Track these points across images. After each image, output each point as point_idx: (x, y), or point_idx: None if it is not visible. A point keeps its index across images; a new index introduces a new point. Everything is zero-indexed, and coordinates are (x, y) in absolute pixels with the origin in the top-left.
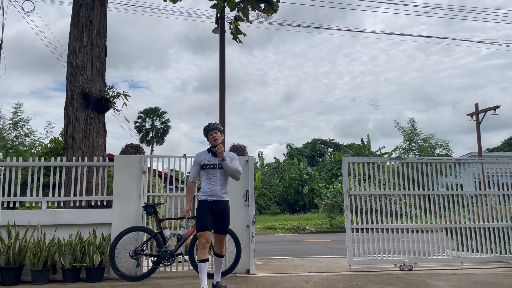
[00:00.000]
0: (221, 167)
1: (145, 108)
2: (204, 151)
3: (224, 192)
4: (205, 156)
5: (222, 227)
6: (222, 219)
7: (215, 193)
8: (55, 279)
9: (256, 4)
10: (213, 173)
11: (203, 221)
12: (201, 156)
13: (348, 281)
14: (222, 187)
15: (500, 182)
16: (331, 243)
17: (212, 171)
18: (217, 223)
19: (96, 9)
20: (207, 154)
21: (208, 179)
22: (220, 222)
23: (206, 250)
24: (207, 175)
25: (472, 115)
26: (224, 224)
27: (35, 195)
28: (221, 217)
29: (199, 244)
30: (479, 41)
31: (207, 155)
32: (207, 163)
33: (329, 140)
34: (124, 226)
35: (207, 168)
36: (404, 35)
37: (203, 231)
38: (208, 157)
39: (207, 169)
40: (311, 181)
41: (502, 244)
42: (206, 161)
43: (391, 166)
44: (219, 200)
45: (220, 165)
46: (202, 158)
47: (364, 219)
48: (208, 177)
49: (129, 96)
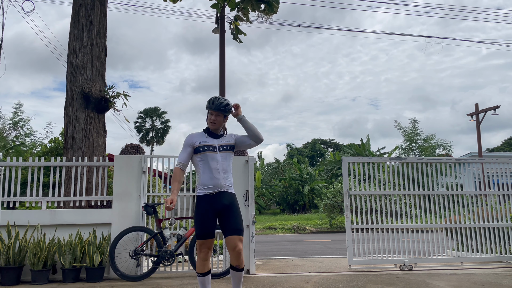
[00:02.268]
0: (222, 149)
1: (145, 108)
2: (199, 132)
3: (228, 181)
4: (201, 137)
5: (234, 224)
6: (231, 214)
7: (218, 183)
8: (55, 279)
9: (256, 4)
10: (213, 157)
11: (204, 225)
12: (194, 137)
13: (348, 281)
14: (226, 175)
15: (500, 182)
16: (331, 243)
17: (211, 155)
18: (226, 221)
19: (96, 9)
20: (202, 135)
21: (207, 167)
22: (229, 220)
23: (208, 261)
24: (205, 161)
25: (472, 115)
26: (236, 221)
27: (35, 195)
28: (229, 212)
29: (199, 253)
30: (479, 41)
31: (203, 136)
32: (204, 144)
33: (329, 140)
34: (124, 226)
35: (204, 150)
36: (404, 35)
37: (204, 238)
38: (204, 138)
39: (204, 151)
40: (311, 181)
41: (502, 244)
42: (202, 142)
43: (391, 166)
44: (224, 192)
45: (221, 147)
46: (196, 139)
47: (364, 219)
48: (206, 163)
49: (129, 96)
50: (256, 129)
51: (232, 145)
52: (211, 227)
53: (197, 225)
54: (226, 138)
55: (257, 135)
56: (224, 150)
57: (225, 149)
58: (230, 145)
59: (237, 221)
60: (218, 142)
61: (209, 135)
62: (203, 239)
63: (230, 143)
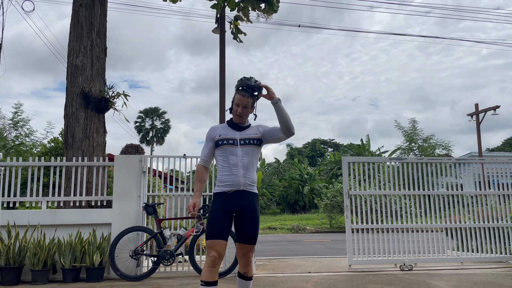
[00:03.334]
0: (243, 143)
1: (145, 108)
2: (222, 125)
3: (250, 180)
4: (222, 130)
5: (249, 232)
6: (250, 219)
7: (237, 180)
8: (55, 279)
9: (256, 4)
10: (233, 151)
11: (216, 224)
12: (216, 130)
13: (348, 281)
14: (247, 171)
15: (500, 182)
16: (331, 243)
17: (231, 149)
18: (242, 226)
19: (96, 9)
20: (225, 127)
21: (226, 162)
22: (246, 225)
23: (216, 268)
24: (224, 155)
25: (472, 115)
26: (253, 227)
27: (35, 195)
28: (248, 216)
29: (207, 257)
30: (479, 41)
31: (225, 128)
32: (224, 137)
33: (329, 140)
34: (124, 226)
35: (223, 144)
36: (404, 35)
37: (214, 238)
38: (226, 130)
39: (223, 145)
40: (311, 181)
41: (502, 244)
42: (222, 135)
43: (391, 166)
44: (244, 191)
45: (242, 141)
46: (217, 132)
47: (364, 219)
48: (226, 158)
49: (129, 96)
50: (290, 119)
51: (257, 138)
52: (222, 228)
53: (208, 223)
54: (250, 130)
55: (289, 126)
56: (247, 144)
57: (247, 143)
58: (255, 138)
59: (254, 228)
60: (240, 135)
61: (232, 127)
62: (211, 239)
63: (255, 137)
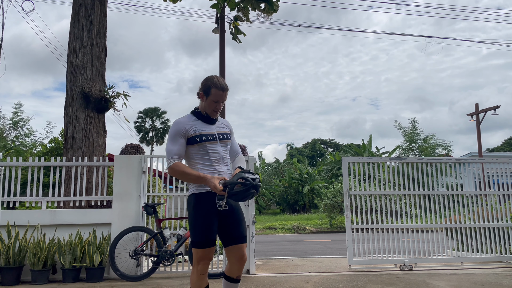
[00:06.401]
0: (222, 138)
1: (145, 108)
2: (188, 116)
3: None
4: (195, 123)
5: (238, 231)
6: (237, 217)
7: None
8: (55, 279)
9: (256, 4)
10: (214, 148)
11: (205, 229)
12: (186, 124)
13: (348, 281)
14: (228, 168)
15: (500, 182)
16: (331, 243)
17: (211, 146)
18: (230, 226)
19: (96, 9)
20: (195, 120)
21: (207, 159)
22: (234, 225)
23: (206, 274)
24: (204, 152)
25: (472, 115)
26: (242, 226)
27: (35, 195)
28: (234, 215)
29: (199, 265)
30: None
31: (197, 121)
32: (202, 133)
33: (329, 140)
34: (124, 226)
35: (203, 141)
36: (404, 35)
37: (207, 247)
38: (200, 125)
39: (203, 142)
40: (311, 181)
41: (502, 244)
42: (198, 130)
43: (391, 166)
44: None
45: (221, 136)
46: (190, 127)
47: (364, 219)
48: (207, 156)
49: (129, 96)
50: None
51: (229, 133)
52: (213, 232)
53: (197, 231)
54: (220, 124)
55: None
56: (225, 139)
57: (226, 138)
58: (228, 133)
59: (243, 226)
60: (216, 129)
61: (204, 121)
62: (206, 248)
63: (227, 131)
